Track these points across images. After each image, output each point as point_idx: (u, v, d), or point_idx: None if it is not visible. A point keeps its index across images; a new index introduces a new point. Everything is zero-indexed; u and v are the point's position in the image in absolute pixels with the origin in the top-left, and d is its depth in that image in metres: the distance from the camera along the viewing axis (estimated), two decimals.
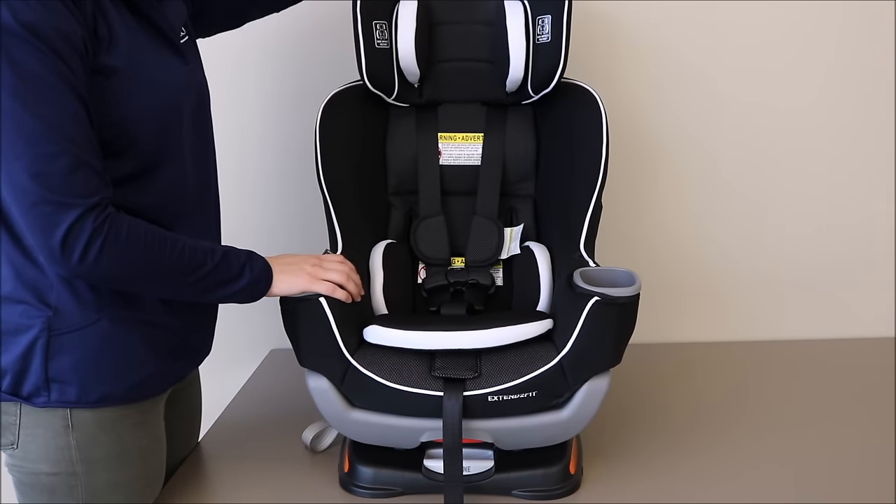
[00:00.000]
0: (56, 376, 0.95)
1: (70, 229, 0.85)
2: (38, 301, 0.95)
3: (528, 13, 1.29)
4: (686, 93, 1.62)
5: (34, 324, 0.95)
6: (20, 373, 0.96)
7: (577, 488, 1.14)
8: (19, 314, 0.95)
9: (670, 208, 1.68)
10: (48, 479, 0.99)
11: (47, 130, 0.83)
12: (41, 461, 0.98)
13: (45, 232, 0.85)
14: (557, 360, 1.05)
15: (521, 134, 1.36)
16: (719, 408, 1.40)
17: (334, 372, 1.07)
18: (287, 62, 1.60)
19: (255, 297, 1.02)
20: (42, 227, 0.85)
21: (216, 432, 1.35)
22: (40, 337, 0.95)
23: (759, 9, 1.58)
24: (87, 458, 0.98)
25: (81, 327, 0.96)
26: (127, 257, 0.89)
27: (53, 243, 0.85)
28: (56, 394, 0.96)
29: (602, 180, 1.21)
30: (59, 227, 0.84)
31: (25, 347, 0.95)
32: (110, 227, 0.87)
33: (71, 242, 0.85)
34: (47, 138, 0.83)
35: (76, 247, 0.85)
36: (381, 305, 1.23)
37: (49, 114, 0.83)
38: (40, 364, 0.95)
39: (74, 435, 0.97)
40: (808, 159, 1.66)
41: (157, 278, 0.94)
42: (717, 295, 1.72)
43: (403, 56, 1.29)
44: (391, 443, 1.11)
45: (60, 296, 0.94)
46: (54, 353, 0.95)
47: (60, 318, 0.95)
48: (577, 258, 1.17)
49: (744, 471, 1.19)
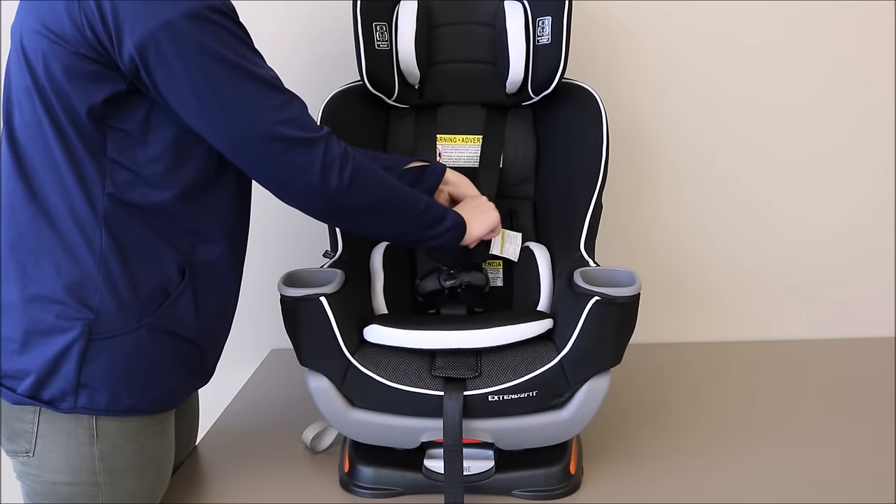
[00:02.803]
0: (88, 382, 0.93)
1: (324, 160, 0.93)
2: (78, 303, 0.92)
3: (528, 14, 1.30)
4: (686, 92, 1.62)
5: (73, 326, 0.92)
6: (47, 375, 0.93)
7: (577, 488, 1.14)
8: (55, 315, 0.92)
9: (670, 208, 1.69)
10: (68, 489, 0.96)
11: (273, 82, 0.92)
12: (61, 471, 0.95)
13: (304, 171, 0.92)
14: (558, 359, 1.05)
15: (521, 136, 1.36)
16: (719, 408, 1.40)
17: (335, 371, 1.07)
18: (287, 62, 1.60)
19: (457, 239, 1.10)
20: (300, 170, 0.92)
21: (216, 432, 1.35)
22: (79, 340, 0.92)
23: (759, 9, 1.58)
24: (110, 468, 0.97)
25: (121, 334, 0.94)
26: (369, 188, 0.98)
27: (313, 178, 0.92)
28: (84, 399, 0.93)
29: (602, 180, 1.21)
30: (315, 163, 0.92)
31: (60, 350, 0.92)
32: (352, 157, 0.96)
33: (327, 172, 0.93)
34: (276, 89, 0.92)
35: (332, 175, 0.93)
36: (382, 305, 1.23)
37: (264, 70, 0.92)
38: (73, 368, 0.92)
39: (99, 445, 0.96)
40: (808, 159, 1.67)
41: (390, 210, 1.02)
42: (716, 295, 1.73)
43: (403, 57, 1.29)
44: (391, 443, 1.11)
45: (104, 299, 0.93)
46: (90, 359, 0.93)
47: (101, 321, 0.93)
48: (578, 258, 1.17)
49: (743, 471, 1.19)
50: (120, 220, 0.93)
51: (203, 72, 0.87)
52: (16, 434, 0.96)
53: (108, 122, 0.91)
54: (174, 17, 0.85)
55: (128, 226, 0.94)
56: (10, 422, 0.96)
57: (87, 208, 0.92)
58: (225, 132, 0.90)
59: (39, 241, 0.92)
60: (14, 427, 0.96)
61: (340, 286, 1.08)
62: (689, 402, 1.42)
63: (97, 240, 0.92)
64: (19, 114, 0.92)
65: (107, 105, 0.90)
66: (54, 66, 0.88)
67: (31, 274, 0.92)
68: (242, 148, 0.91)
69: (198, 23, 0.86)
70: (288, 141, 0.91)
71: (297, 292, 1.04)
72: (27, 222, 0.92)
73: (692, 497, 1.12)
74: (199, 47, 0.86)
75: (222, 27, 0.88)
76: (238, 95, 0.88)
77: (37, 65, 0.89)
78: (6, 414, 0.96)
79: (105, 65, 0.88)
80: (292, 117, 0.92)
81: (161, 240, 0.96)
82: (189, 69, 0.86)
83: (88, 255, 0.92)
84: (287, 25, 1.57)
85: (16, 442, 0.96)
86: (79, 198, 0.91)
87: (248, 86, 0.89)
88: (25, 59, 0.90)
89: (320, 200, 0.95)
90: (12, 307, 0.93)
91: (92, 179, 0.92)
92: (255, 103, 0.89)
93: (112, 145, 0.92)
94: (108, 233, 0.92)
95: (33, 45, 0.89)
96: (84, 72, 0.88)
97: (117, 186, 0.92)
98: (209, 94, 0.88)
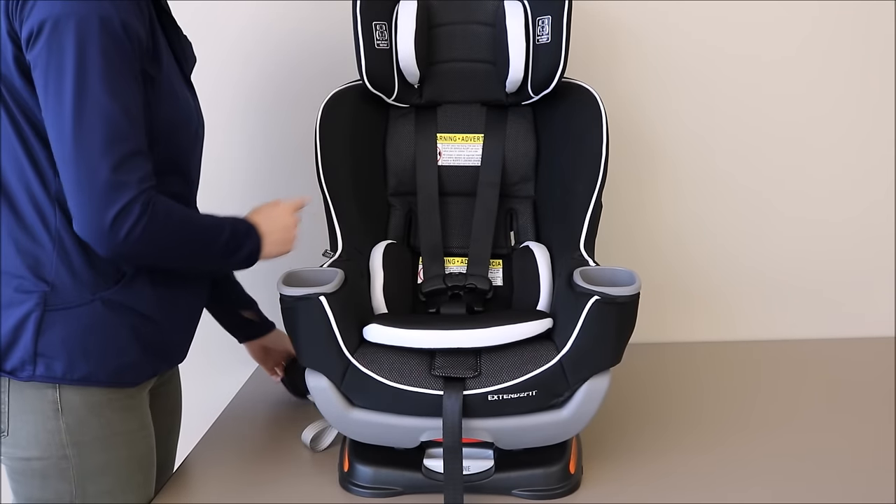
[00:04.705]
0: (44, 351, 0.97)
1: (122, 209, 0.90)
2: (34, 276, 0.98)
3: (528, 14, 1.29)
4: (686, 92, 1.62)
5: (29, 298, 0.97)
6: (8, 346, 0.98)
7: (577, 488, 1.14)
8: (14, 288, 0.98)
9: (670, 207, 1.69)
10: (40, 465, 1.00)
11: (124, 116, 0.91)
12: (31, 447, 1.00)
13: (100, 209, 0.90)
14: (557, 359, 1.05)
15: (521, 135, 1.36)
16: (719, 407, 1.40)
17: (334, 371, 1.07)
18: (287, 62, 1.60)
19: (254, 261, 1.09)
20: (98, 203, 0.90)
21: (216, 432, 1.35)
22: (34, 311, 0.97)
23: (760, 8, 1.58)
24: (76, 442, 1.00)
25: (75, 305, 0.99)
26: (162, 239, 0.96)
27: (104, 221, 0.90)
28: (42, 368, 0.98)
29: (602, 179, 1.21)
30: (113, 206, 0.90)
31: (18, 321, 0.97)
32: (153, 211, 0.93)
33: (119, 222, 0.90)
34: (122, 123, 0.91)
35: (123, 226, 0.91)
36: (382, 305, 1.23)
37: (127, 102, 0.92)
38: (31, 338, 0.97)
39: (63, 418, 1.00)
40: (808, 159, 1.67)
41: (183, 256, 1.01)
42: (717, 294, 1.72)
43: (403, 57, 1.29)
44: (391, 442, 1.11)
45: (59, 273, 0.98)
46: (46, 328, 0.97)
47: (56, 294, 0.98)
48: (577, 257, 1.17)
49: (743, 470, 1.19)
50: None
51: (70, 70, 0.88)
52: None
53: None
54: (80, 12, 0.88)
55: None
56: None
57: (41, 189, 0.97)
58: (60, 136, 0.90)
59: (2, 222, 0.98)
60: None
61: (340, 285, 1.08)
62: (689, 402, 1.42)
63: (51, 218, 0.98)
64: None
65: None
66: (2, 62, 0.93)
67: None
68: (60, 154, 0.91)
69: (107, 27, 0.89)
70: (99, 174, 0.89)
71: (296, 292, 1.04)
72: None
73: (692, 496, 1.12)
74: (83, 47, 0.88)
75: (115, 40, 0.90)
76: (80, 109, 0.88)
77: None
78: None
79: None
80: (119, 153, 0.90)
81: None
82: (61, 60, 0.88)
83: (44, 232, 0.98)
84: (287, 25, 1.57)
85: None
86: (33, 179, 0.97)
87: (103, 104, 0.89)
88: None
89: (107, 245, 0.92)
90: None
91: (42, 162, 0.96)
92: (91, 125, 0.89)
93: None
94: (61, 211, 0.97)
95: None
96: (22, 64, 0.92)
97: None
98: (58, 90, 0.89)
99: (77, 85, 0.88)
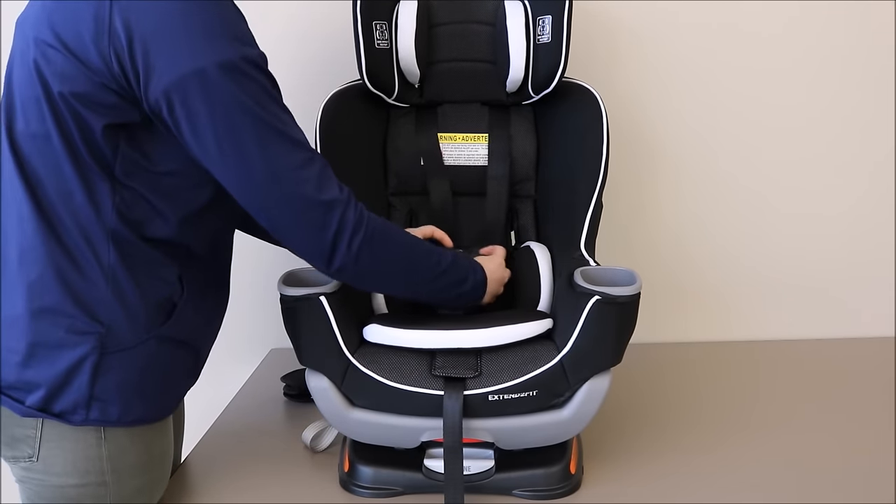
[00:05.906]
0: (101, 395, 0.93)
1: (339, 227, 0.91)
2: (88, 317, 0.92)
3: (529, 13, 1.29)
4: (686, 92, 1.62)
5: (85, 340, 0.92)
6: (58, 389, 0.92)
7: (577, 488, 1.14)
8: (65, 329, 0.92)
9: (671, 208, 1.68)
10: (75, 491, 0.96)
11: (295, 140, 0.90)
12: (68, 474, 0.95)
13: (317, 234, 0.91)
14: (558, 359, 1.05)
15: (522, 135, 1.36)
16: (719, 408, 1.40)
17: (335, 371, 1.07)
18: (287, 62, 1.60)
19: (475, 300, 1.10)
20: (313, 230, 0.91)
21: (216, 432, 1.35)
22: (91, 354, 0.92)
23: (759, 8, 1.58)
24: (116, 468, 0.97)
25: (131, 346, 0.95)
26: (384, 251, 0.96)
27: (324, 244, 0.91)
28: (96, 413, 0.94)
29: (603, 179, 1.21)
30: (329, 227, 0.91)
31: (72, 364, 0.92)
32: (368, 221, 0.94)
33: (338, 239, 0.91)
34: (299, 147, 0.91)
35: (341, 242, 0.92)
36: (382, 305, 1.23)
37: (290, 128, 0.91)
38: (87, 382, 0.92)
39: (107, 446, 0.96)
40: (809, 158, 1.66)
41: (406, 275, 1.01)
42: (717, 295, 1.72)
43: (403, 56, 1.29)
44: (391, 442, 1.11)
45: (113, 312, 0.93)
46: (103, 372, 0.93)
47: (112, 335, 0.93)
48: (578, 257, 1.17)
49: (743, 470, 1.19)
50: (125, 236, 0.93)
51: (228, 124, 0.86)
52: (16, 440, 0.96)
53: (120, 143, 0.91)
54: (207, 66, 0.84)
55: (133, 241, 0.94)
56: (9, 429, 0.96)
57: (95, 223, 0.91)
58: (243, 186, 0.90)
59: (45, 254, 0.91)
60: (13, 433, 0.96)
61: (340, 285, 1.07)
62: (689, 402, 1.42)
63: (105, 254, 0.92)
64: (24, 123, 0.91)
65: (120, 129, 0.90)
66: (72, 88, 0.87)
67: (37, 286, 0.92)
68: (259, 203, 0.91)
69: (230, 74, 0.85)
70: (305, 202, 0.90)
71: (296, 291, 1.04)
72: (32, 234, 0.92)
73: (692, 497, 1.12)
74: (228, 99, 0.85)
75: (254, 80, 0.87)
76: (261, 152, 0.88)
77: (51, 80, 0.88)
78: (5, 422, 0.95)
79: (125, 98, 0.88)
80: (312, 177, 0.90)
81: (162, 254, 0.97)
82: (214, 120, 0.86)
83: (97, 268, 0.92)
84: (287, 25, 1.57)
85: (16, 448, 0.96)
86: (87, 212, 0.91)
87: (271, 143, 0.88)
88: (37, 71, 0.88)
89: (324, 264, 0.94)
90: (17, 319, 0.93)
91: (102, 195, 0.91)
92: (276, 161, 0.88)
93: (121, 165, 0.92)
94: (115, 247, 0.92)
95: (46, 60, 0.87)
96: (103, 99, 0.87)
97: (126, 204, 0.93)
98: (231, 146, 0.87)
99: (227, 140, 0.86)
